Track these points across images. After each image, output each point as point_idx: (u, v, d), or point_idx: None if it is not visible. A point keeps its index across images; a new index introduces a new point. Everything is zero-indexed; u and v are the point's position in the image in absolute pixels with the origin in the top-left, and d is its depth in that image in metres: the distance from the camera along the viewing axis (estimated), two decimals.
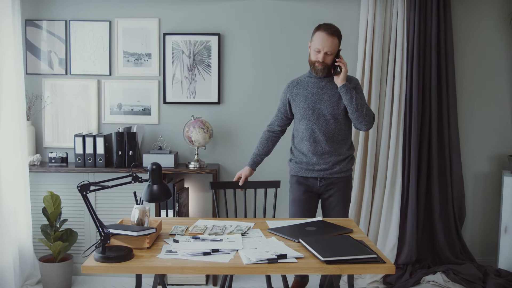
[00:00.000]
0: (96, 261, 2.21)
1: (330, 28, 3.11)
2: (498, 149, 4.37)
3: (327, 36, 3.09)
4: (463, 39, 4.29)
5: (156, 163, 2.47)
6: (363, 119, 3.14)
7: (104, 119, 4.31)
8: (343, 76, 3.12)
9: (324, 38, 3.09)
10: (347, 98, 3.11)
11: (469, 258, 4.26)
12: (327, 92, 3.20)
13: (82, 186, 2.23)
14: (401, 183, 4.19)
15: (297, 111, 3.27)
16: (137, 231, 2.31)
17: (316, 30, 3.15)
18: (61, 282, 3.89)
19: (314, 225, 2.76)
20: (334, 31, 3.11)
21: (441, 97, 4.21)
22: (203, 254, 2.27)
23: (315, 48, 3.13)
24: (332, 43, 3.10)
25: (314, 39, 3.15)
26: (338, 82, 3.13)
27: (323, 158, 3.25)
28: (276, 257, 2.21)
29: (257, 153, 3.45)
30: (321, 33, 3.11)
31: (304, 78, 3.31)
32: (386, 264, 2.20)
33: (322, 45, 3.09)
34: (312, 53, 3.17)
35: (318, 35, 3.12)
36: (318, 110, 3.19)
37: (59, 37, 4.25)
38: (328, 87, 3.21)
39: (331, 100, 3.18)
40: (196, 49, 4.24)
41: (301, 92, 3.25)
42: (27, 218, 3.93)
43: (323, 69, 3.15)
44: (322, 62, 3.12)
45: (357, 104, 3.11)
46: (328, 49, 3.10)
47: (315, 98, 3.20)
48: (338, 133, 3.23)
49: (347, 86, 3.12)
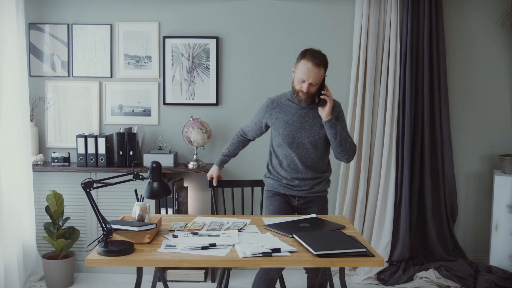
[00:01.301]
0: (99, 254, 2.31)
1: (316, 59, 2.91)
2: (490, 148, 4.47)
3: (312, 66, 2.90)
4: (455, 40, 4.39)
5: (156, 162, 2.58)
6: (345, 154, 3.07)
7: (105, 120, 4.41)
8: (329, 110, 2.96)
9: (309, 69, 2.90)
10: (332, 134, 3.00)
11: (461, 255, 4.35)
12: (308, 120, 3.06)
13: (85, 183, 2.34)
14: (394, 183, 4.28)
15: (276, 136, 3.14)
16: (138, 227, 2.42)
17: (302, 58, 2.95)
18: (64, 278, 3.98)
19: (308, 222, 2.86)
20: (320, 61, 2.92)
21: (433, 97, 4.30)
22: (201, 248, 2.37)
23: (300, 78, 2.94)
24: (318, 74, 2.92)
25: (299, 68, 2.95)
26: (323, 116, 2.98)
27: (302, 182, 3.15)
28: (270, 251, 2.31)
29: (227, 154, 3.41)
30: (307, 63, 2.91)
31: (285, 101, 3.13)
32: (375, 258, 2.30)
33: (307, 75, 2.91)
34: (296, 82, 2.98)
35: (303, 65, 2.92)
36: (298, 138, 3.07)
37: (62, 40, 4.35)
38: (310, 115, 3.06)
39: (312, 129, 3.06)
40: (195, 52, 4.34)
41: (281, 117, 3.09)
42: (30, 216, 4.02)
43: (307, 99, 2.99)
44: (307, 92, 2.95)
45: (341, 140, 3.01)
46: (313, 80, 2.92)
47: (296, 126, 3.06)
48: (317, 160, 3.13)
49: (332, 121, 2.98)
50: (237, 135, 3.40)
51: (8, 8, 3.73)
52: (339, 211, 4.34)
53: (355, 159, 4.30)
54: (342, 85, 4.38)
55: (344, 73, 4.37)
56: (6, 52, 3.74)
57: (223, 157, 3.43)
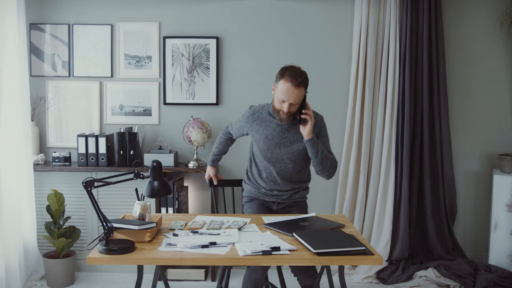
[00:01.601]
0: (100, 253, 2.33)
1: (296, 79, 2.85)
2: (489, 148, 4.48)
3: (293, 87, 2.84)
4: (454, 40, 4.40)
5: (157, 161, 2.60)
6: (326, 171, 3.04)
7: (106, 120, 4.42)
8: (310, 129, 2.92)
9: (290, 89, 2.84)
10: (313, 152, 2.97)
11: (460, 255, 4.36)
12: (288, 136, 3.04)
13: (87, 182, 2.35)
14: (394, 182, 4.29)
15: (255, 147, 3.14)
16: (139, 225, 2.43)
17: (281, 77, 2.89)
18: (65, 277, 3.99)
19: (308, 221, 2.88)
20: (300, 81, 2.86)
21: (432, 97, 4.31)
22: (201, 246, 2.39)
23: (280, 98, 2.89)
24: (298, 94, 2.86)
25: (279, 88, 2.89)
26: (305, 134, 2.94)
27: (281, 192, 3.17)
28: (270, 249, 2.33)
29: (217, 153, 3.43)
30: (286, 83, 2.85)
31: (266, 115, 3.08)
32: (374, 256, 2.32)
33: (287, 96, 2.85)
34: (276, 101, 2.93)
35: (283, 85, 2.86)
36: (277, 154, 3.06)
37: (63, 40, 4.37)
38: (290, 131, 3.03)
39: (292, 146, 3.05)
40: (195, 52, 4.35)
41: (262, 131, 3.06)
42: (31, 215, 4.03)
43: (288, 118, 2.95)
44: (287, 112, 2.91)
45: (322, 158, 2.98)
46: (294, 100, 2.87)
47: (275, 142, 3.04)
48: (296, 174, 3.13)
49: (313, 140, 2.95)
50: (223, 134, 3.41)
51: (9, 8, 3.74)
52: (338, 210, 4.35)
53: (355, 158, 4.31)
54: (342, 84, 4.40)
55: (344, 72, 4.38)
56: (7, 52, 3.76)
57: (214, 156, 3.45)
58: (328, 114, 4.38)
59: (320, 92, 4.41)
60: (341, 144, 4.41)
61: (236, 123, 3.28)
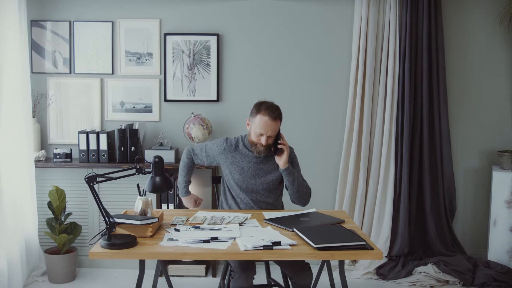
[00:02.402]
0: (102, 247, 2.35)
1: (273, 112, 2.98)
2: (488, 145, 4.49)
3: (270, 121, 2.96)
4: (454, 37, 4.41)
5: (159, 156, 2.62)
6: (302, 198, 3.13)
7: (107, 117, 4.43)
8: (286, 159, 3.04)
9: (267, 123, 2.96)
10: (289, 181, 3.07)
11: (459, 251, 4.38)
12: (263, 168, 3.13)
13: (89, 178, 2.37)
14: (393, 178, 4.31)
15: (230, 179, 3.17)
16: (141, 220, 2.45)
17: (257, 112, 3.00)
18: (66, 273, 4.01)
19: (308, 216, 2.90)
20: (277, 115, 3.00)
21: (432, 93, 4.32)
22: (202, 241, 2.40)
23: (258, 132, 3.00)
24: (275, 127, 3.00)
25: (256, 122, 2.99)
26: (281, 164, 3.05)
27: None
28: (271, 244, 2.35)
29: (187, 180, 3.30)
30: (264, 117, 2.96)
31: (242, 147, 3.16)
32: (374, 251, 2.34)
33: (265, 129, 2.97)
34: (253, 135, 3.04)
35: (261, 120, 2.97)
36: (252, 185, 3.12)
37: (63, 37, 4.38)
38: (264, 162, 3.13)
39: (266, 176, 3.13)
40: (196, 49, 4.36)
41: (237, 162, 3.13)
42: (33, 211, 4.04)
43: (265, 150, 3.05)
44: (265, 144, 3.01)
45: (298, 186, 3.08)
46: (272, 133, 2.99)
47: (250, 173, 3.11)
48: (272, 202, 3.19)
49: (290, 169, 3.06)
50: (188, 158, 3.29)
51: (10, 5, 3.75)
52: (338, 206, 4.37)
53: (355, 154, 4.33)
54: (342, 80, 4.41)
55: (344, 68, 4.40)
56: (8, 49, 3.77)
57: (185, 183, 3.31)
58: (328, 110, 4.43)
59: (320, 88, 4.43)
60: (341, 140, 4.42)
61: (204, 151, 3.23)
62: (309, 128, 4.45)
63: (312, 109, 4.44)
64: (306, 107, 4.44)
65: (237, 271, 2.70)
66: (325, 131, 4.46)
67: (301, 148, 4.37)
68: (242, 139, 3.20)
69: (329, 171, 4.47)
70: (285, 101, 4.40)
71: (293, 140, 4.31)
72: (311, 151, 4.44)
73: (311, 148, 4.44)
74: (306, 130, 4.44)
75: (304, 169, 3.37)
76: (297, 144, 4.34)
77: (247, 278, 2.71)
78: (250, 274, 2.73)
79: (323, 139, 4.46)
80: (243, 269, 2.70)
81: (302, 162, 3.35)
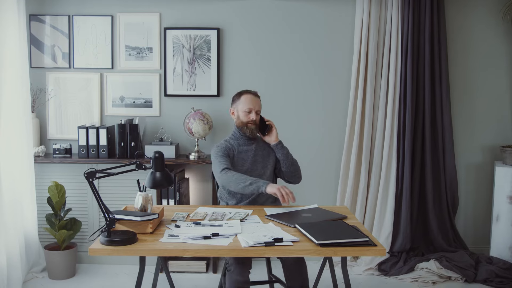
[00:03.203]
0: (102, 244, 2.32)
1: (253, 91, 3.30)
2: (491, 140, 4.47)
3: (254, 97, 3.25)
4: (456, 31, 4.37)
5: (159, 151, 2.59)
6: (296, 172, 3.28)
7: (106, 112, 4.40)
8: (276, 133, 3.28)
9: (252, 99, 3.24)
10: (283, 154, 3.26)
11: (462, 247, 4.36)
12: (259, 153, 3.29)
13: (88, 173, 2.34)
14: (395, 173, 4.28)
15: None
16: (141, 217, 2.42)
17: (240, 95, 3.28)
18: (66, 269, 3.99)
19: (310, 212, 2.87)
20: (256, 92, 3.31)
21: (434, 88, 4.29)
22: (203, 238, 2.38)
23: (246, 109, 3.22)
24: (259, 103, 3.28)
25: (242, 101, 3.25)
26: (272, 140, 3.27)
27: None
28: (273, 241, 2.32)
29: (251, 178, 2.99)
30: (248, 95, 3.26)
31: (233, 144, 3.27)
32: (377, 247, 2.31)
33: (253, 104, 3.22)
34: (242, 115, 3.24)
35: (246, 97, 3.25)
36: (255, 171, 3.22)
37: (63, 31, 4.34)
38: (259, 149, 3.30)
39: (264, 160, 3.28)
40: (196, 43, 4.33)
41: (238, 156, 3.24)
42: (32, 207, 4.02)
43: (256, 129, 3.25)
44: (255, 121, 3.22)
45: (292, 159, 3.27)
46: (258, 107, 3.25)
47: (251, 160, 3.24)
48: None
49: (281, 143, 3.28)
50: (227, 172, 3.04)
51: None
52: (340, 202, 4.35)
53: (357, 149, 4.30)
54: (343, 75, 4.38)
55: (346, 62, 4.37)
56: (7, 44, 3.74)
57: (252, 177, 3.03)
58: (329, 105, 4.41)
59: (321, 83, 4.40)
60: (342, 136, 4.40)
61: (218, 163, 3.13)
62: (310, 123, 4.42)
63: (313, 104, 4.41)
64: (307, 102, 4.41)
65: (232, 265, 2.68)
66: (326, 126, 4.43)
67: (302, 143, 4.36)
68: (230, 139, 3.31)
69: (331, 167, 4.44)
70: (286, 96, 4.39)
71: (294, 136, 4.31)
72: (313, 146, 4.41)
73: (312, 144, 4.41)
74: (307, 125, 4.41)
75: (306, 164, 3.37)
76: (298, 140, 4.34)
77: (242, 272, 2.67)
78: (245, 268, 2.69)
79: (324, 134, 4.44)
80: (238, 263, 2.67)
81: (304, 158, 3.35)
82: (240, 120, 3.26)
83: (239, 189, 2.95)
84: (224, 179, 3.01)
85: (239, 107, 3.26)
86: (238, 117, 3.27)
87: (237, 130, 3.30)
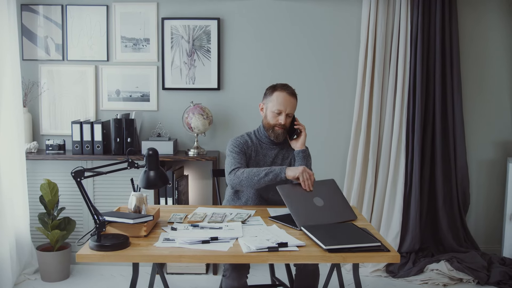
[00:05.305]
0: (91, 249, 2.14)
1: (289, 88, 2.91)
2: (504, 135, 4.32)
3: (288, 96, 2.87)
4: (468, 23, 4.22)
5: (153, 149, 2.40)
6: None
7: (102, 106, 4.25)
8: (304, 140, 2.94)
9: (285, 98, 2.86)
10: (302, 165, 2.86)
11: (473, 246, 4.21)
12: (277, 162, 2.98)
13: (76, 172, 2.16)
14: (404, 171, 4.13)
15: None
16: (134, 219, 2.25)
17: (273, 90, 2.90)
18: (59, 271, 3.85)
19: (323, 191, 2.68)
20: (293, 90, 2.92)
21: (445, 81, 4.14)
22: (201, 242, 2.21)
23: (275, 110, 2.87)
24: (294, 104, 2.90)
25: (273, 100, 2.88)
26: (298, 146, 2.93)
27: None
28: (276, 246, 2.14)
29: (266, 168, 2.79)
30: (281, 93, 2.87)
31: (254, 143, 2.98)
32: (390, 253, 2.13)
33: (285, 105, 2.86)
34: (271, 116, 2.90)
35: (278, 95, 2.87)
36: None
37: (56, 22, 4.17)
38: (280, 156, 3.00)
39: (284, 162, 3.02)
40: (195, 34, 4.16)
41: (256, 157, 2.96)
42: (24, 206, 3.89)
43: (283, 133, 2.92)
44: (284, 124, 2.88)
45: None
46: (290, 110, 2.88)
47: (267, 166, 2.94)
48: None
49: (306, 152, 2.94)
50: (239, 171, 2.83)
51: None
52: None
53: (364, 145, 4.15)
54: (350, 68, 4.23)
55: (352, 55, 4.22)
56: None
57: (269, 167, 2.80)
58: (335, 99, 4.26)
59: (326, 77, 4.25)
60: (348, 132, 4.25)
61: (229, 161, 2.90)
62: (315, 119, 4.27)
63: (317, 98, 4.26)
64: (311, 97, 4.26)
65: (228, 270, 2.52)
66: (332, 121, 4.29)
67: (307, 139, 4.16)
68: (250, 135, 3.01)
69: (336, 164, 4.30)
70: None
71: None
72: (318, 142, 4.25)
73: (317, 140, 4.25)
74: (312, 120, 4.25)
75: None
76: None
77: (239, 277, 2.52)
78: (242, 272, 2.54)
79: (329, 130, 4.29)
80: (234, 267, 2.51)
81: None
82: (267, 121, 2.92)
83: (254, 185, 2.76)
84: (234, 181, 2.80)
85: (269, 105, 2.91)
86: (266, 116, 2.94)
87: (263, 129, 2.98)
